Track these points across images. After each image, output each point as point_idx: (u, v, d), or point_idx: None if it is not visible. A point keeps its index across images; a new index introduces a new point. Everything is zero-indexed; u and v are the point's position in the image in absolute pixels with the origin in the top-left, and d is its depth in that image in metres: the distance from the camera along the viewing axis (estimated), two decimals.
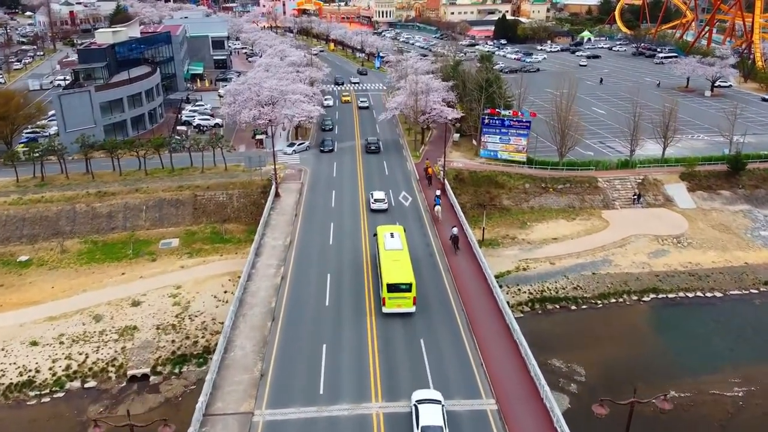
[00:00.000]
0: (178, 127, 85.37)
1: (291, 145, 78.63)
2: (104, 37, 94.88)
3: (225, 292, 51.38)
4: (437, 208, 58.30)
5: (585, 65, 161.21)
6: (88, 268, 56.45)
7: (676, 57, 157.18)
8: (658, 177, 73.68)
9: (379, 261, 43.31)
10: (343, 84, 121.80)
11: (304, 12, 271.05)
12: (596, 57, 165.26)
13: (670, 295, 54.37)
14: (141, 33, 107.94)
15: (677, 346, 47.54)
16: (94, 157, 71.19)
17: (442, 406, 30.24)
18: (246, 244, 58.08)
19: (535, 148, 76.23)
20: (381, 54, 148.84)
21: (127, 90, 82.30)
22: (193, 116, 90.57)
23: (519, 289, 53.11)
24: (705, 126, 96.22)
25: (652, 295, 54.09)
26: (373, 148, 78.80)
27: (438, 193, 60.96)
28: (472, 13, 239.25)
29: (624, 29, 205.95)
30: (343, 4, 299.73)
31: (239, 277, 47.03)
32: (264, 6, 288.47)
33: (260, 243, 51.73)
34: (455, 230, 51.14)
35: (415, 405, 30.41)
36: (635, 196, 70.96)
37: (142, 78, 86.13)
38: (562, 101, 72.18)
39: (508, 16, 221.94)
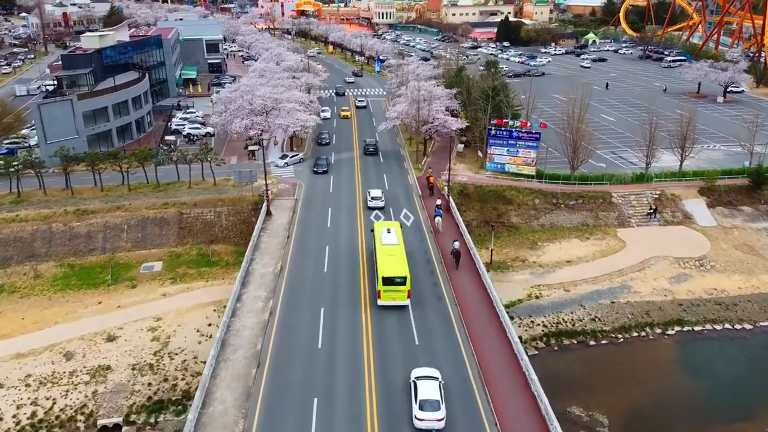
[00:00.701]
0: (167, 137, 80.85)
1: (284, 157, 74.10)
2: (90, 41, 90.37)
3: (209, 325, 46.84)
4: (437, 219, 55.06)
5: (588, 67, 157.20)
6: (62, 296, 51.93)
7: (684, 61, 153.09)
8: (676, 192, 69.17)
9: (375, 255, 44.37)
10: (344, 94, 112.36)
11: (302, 13, 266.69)
12: (602, 60, 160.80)
13: (696, 328, 49.81)
14: (130, 37, 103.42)
15: (707, 388, 43.05)
16: (75, 171, 66.74)
17: (440, 382, 32.13)
18: (234, 267, 53.61)
19: (545, 159, 71.73)
20: (381, 57, 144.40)
21: (112, 98, 77.79)
22: (183, 125, 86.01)
23: (532, 322, 48.56)
24: (721, 135, 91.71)
25: (677, 328, 49.52)
26: (371, 150, 77.72)
27: (438, 202, 57.83)
28: (473, 14, 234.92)
29: (629, 31, 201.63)
30: (342, 5, 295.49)
31: (225, 306, 42.59)
32: (262, 7, 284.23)
33: (248, 270, 47.20)
34: (456, 244, 48.09)
35: (414, 381, 32.14)
36: (651, 211, 66.53)
37: (129, 85, 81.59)
38: (573, 110, 67.57)
39: (511, 18, 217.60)
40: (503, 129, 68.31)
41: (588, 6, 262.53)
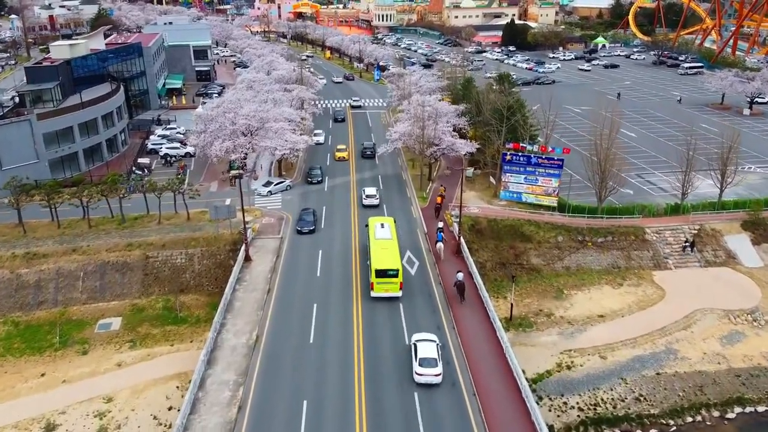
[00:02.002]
0: (140, 160, 72.13)
1: (267, 184, 65.21)
2: (60, 51, 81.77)
3: (169, 409, 38.18)
4: (439, 245, 50.16)
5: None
6: (0, 365, 43.33)
7: (701, 67, 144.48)
8: (717, 226, 60.56)
9: (369, 249, 45.93)
10: (343, 120, 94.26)
11: (300, 15, 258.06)
12: (614, 66, 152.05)
13: (760, 408, 41.19)
14: (107, 45, 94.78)
15: None
16: (32, 202, 58.04)
17: (437, 344, 35.83)
18: (206, 325, 45.02)
19: (568, 185, 62.84)
20: (381, 64, 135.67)
21: (78, 116, 69.17)
22: (161, 144, 77.31)
23: (565, 403, 39.89)
24: (754, 154, 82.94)
25: (738, 409, 40.92)
26: (368, 153, 76.84)
27: (440, 225, 53.47)
28: (477, 17, 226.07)
29: (640, 35, 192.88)
30: (341, 6, 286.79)
31: (191, 381, 34.17)
32: (258, 9, 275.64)
33: (216, 342, 38.59)
34: (460, 275, 44.26)
35: (414, 343, 35.94)
36: (687, 244, 58.06)
37: (100, 101, 72.93)
38: (601, 132, 58.90)
39: (516, 20, 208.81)
40: (520, 155, 59.72)
41: (595, 8, 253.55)
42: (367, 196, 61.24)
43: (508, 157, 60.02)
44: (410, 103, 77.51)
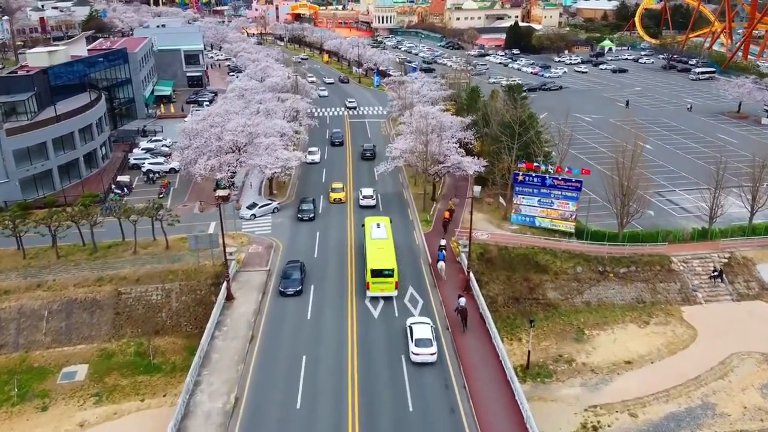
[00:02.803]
0: (119, 178, 66.64)
1: (252, 206, 59.37)
2: (38, 59, 76.37)
3: None
4: (441, 264, 47.03)
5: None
6: None
7: (713, 73, 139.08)
8: (748, 254, 55.19)
9: (365, 249, 45.88)
10: (341, 144, 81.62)
11: (298, 17, 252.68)
12: (623, 71, 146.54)
13: None
14: (90, 51, 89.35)
15: None
16: None
17: (431, 326, 38.01)
18: (181, 374, 39.59)
19: (587, 206, 57.18)
20: (380, 68, 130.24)
21: (52, 131, 63.81)
22: (144, 159, 71.85)
23: None
24: None
25: None
26: (368, 155, 76.13)
27: (443, 243, 49.66)
28: (479, 18, 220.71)
29: (647, 38, 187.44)
30: (340, 8, 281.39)
31: None
32: (256, 10, 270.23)
33: (188, 406, 33.14)
34: (462, 301, 40.78)
35: (410, 326, 38.01)
36: (715, 274, 52.76)
37: (77, 113, 67.53)
38: (624, 152, 53.36)
39: (519, 23, 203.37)
40: (534, 175, 54.27)
41: (599, 9, 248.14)
42: (364, 197, 60.40)
43: (520, 178, 54.57)
44: (412, 115, 72.17)
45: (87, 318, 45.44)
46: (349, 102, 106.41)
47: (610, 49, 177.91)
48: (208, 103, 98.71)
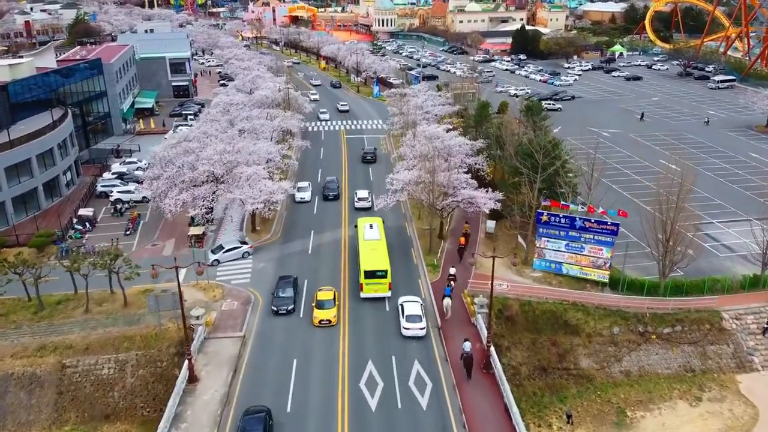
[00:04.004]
0: (81, 211, 58.36)
1: (218, 249, 50.54)
2: None
3: None
4: (446, 301, 42.51)
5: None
6: None
7: (733, 81, 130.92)
8: None
9: (358, 250, 46.02)
10: (337, 198, 62.88)
11: (295, 20, 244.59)
12: (636, 79, 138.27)
13: None
14: (59, 62, 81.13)
15: None
16: None
17: (421, 303, 41.02)
18: None
19: (622, 247, 48.77)
20: (381, 76, 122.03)
21: (4, 159, 55.63)
22: (113, 186, 63.62)
23: None
24: None
25: None
26: (369, 157, 74.47)
27: (452, 272, 46.19)
28: (483, 21, 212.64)
29: (659, 42, 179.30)
30: (339, 10, 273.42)
31: None
32: (252, 12, 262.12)
33: None
34: (467, 345, 36.67)
35: (401, 304, 40.72)
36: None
37: (35, 136, 59.41)
38: (668, 192, 45.01)
39: (522, 24, 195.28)
40: (561, 215, 46.08)
41: (607, 12, 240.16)
42: (359, 199, 60.15)
43: (544, 218, 46.34)
44: (415, 137, 64.08)
45: (25, 399, 37.27)
46: (341, 105, 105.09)
47: (621, 54, 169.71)
48: (192, 117, 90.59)
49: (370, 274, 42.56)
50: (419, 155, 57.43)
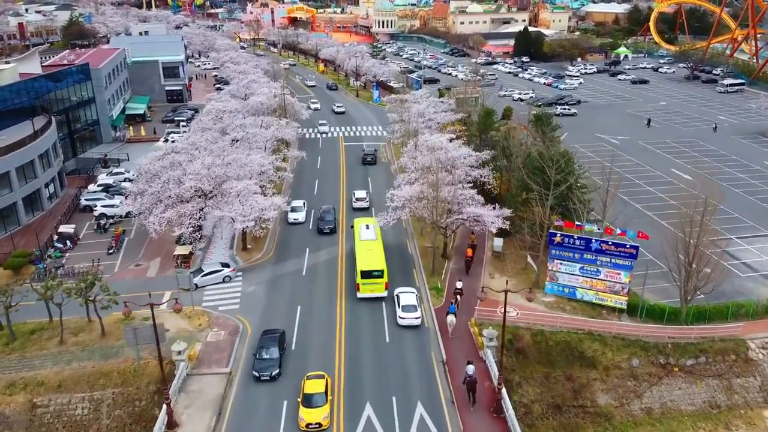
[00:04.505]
0: (62, 228, 54.89)
1: (197, 272, 46.75)
2: None
3: None
4: (450, 318, 40.35)
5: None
6: None
7: (742, 84, 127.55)
8: None
9: (354, 251, 46.28)
10: (333, 231, 54.93)
11: (294, 21, 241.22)
12: (643, 82, 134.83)
13: None
14: (47, 67, 77.86)
15: None
16: None
17: (416, 294, 42.19)
18: None
19: (641, 266, 45.27)
20: (381, 79, 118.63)
21: None
22: (97, 200, 60.20)
23: None
24: None
25: None
26: (369, 159, 73.92)
27: (459, 286, 43.99)
28: (484, 22, 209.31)
29: (664, 44, 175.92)
30: (338, 11, 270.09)
31: None
32: (251, 13, 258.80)
33: None
34: (470, 368, 34.17)
35: (397, 294, 42.05)
36: None
37: (13, 149, 56.01)
38: (692, 215, 41.49)
39: (525, 26, 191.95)
40: (575, 237, 42.69)
41: (610, 13, 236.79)
42: (357, 199, 60.14)
43: (557, 239, 42.93)
44: (417, 148, 60.72)
45: None
46: (337, 107, 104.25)
47: (626, 56, 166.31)
48: (185, 123, 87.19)
49: (367, 274, 42.81)
50: (421, 167, 54.12)
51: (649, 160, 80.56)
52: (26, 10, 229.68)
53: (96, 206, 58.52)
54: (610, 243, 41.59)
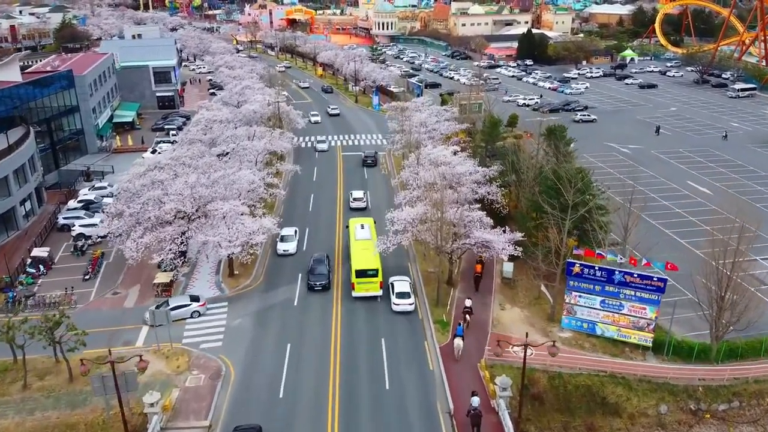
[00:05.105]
0: (35, 251, 50.66)
1: (161, 305, 41.69)
2: None
3: None
4: (457, 342, 37.64)
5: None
6: None
7: (754, 89, 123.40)
8: None
9: (350, 250, 47.22)
10: (326, 288, 45.42)
11: (293, 23, 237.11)
12: (652, 86, 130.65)
13: None
14: (27, 74, 73.76)
15: None
16: None
17: (409, 282, 44.11)
18: None
19: (674, 309, 41.08)
20: (381, 84, 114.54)
21: None
22: (75, 218, 56.02)
23: None
24: None
25: None
26: (369, 161, 73.14)
27: (468, 304, 41.24)
28: (486, 24, 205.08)
29: (670, 47, 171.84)
30: (338, 13, 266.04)
31: None
32: (249, 15, 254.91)
33: None
34: (476, 400, 31.82)
35: (391, 283, 43.65)
36: None
37: None
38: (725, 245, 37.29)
39: (528, 27, 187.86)
40: (596, 267, 38.51)
41: (614, 14, 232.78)
42: (355, 199, 60.23)
43: (576, 269, 38.76)
44: (419, 162, 56.64)
45: None
46: (332, 109, 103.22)
47: (633, 59, 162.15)
48: (175, 131, 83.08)
49: (362, 273, 43.25)
50: (424, 184, 50.07)
51: (663, 171, 76.40)
52: (20, 12, 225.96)
53: (74, 225, 54.35)
54: (635, 275, 37.44)
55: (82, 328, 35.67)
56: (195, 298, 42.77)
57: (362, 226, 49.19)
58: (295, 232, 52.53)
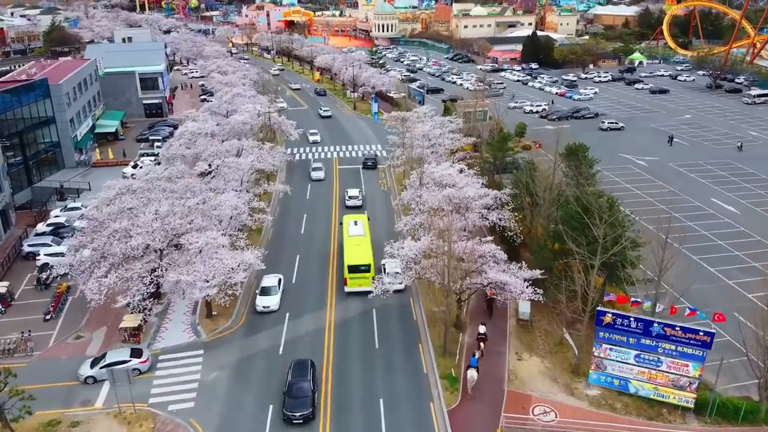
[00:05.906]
0: None
1: (95, 362, 36.08)
2: None
3: None
4: (471, 373, 33.95)
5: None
6: None
7: None
8: None
9: (343, 247, 47.86)
10: (308, 420, 31.76)
11: (291, 24, 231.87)
12: (663, 92, 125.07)
13: None
14: None
15: None
16: None
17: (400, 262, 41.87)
18: None
19: (720, 365, 35.63)
20: (380, 89, 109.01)
21: None
22: (42, 245, 50.50)
23: None
24: None
25: None
26: (369, 163, 73.12)
27: (482, 330, 38.10)
28: (489, 26, 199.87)
29: (679, 49, 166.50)
30: (337, 14, 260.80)
31: None
32: (246, 16, 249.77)
33: None
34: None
35: (383, 264, 45.39)
36: None
37: None
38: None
39: (532, 29, 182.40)
40: (631, 317, 32.94)
41: (620, 16, 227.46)
42: (350, 197, 60.79)
43: (607, 319, 33.20)
44: (422, 183, 51.14)
45: None
46: (324, 111, 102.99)
47: (641, 63, 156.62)
48: (161, 143, 77.63)
49: (354, 269, 43.77)
50: (428, 209, 44.64)
51: (684, 187, 70.81)
52: (11, 14, 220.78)
53: (39, 254, 48.83)
54: (677, 327, 31.86)
55: (37, 381, 30.67)
56: (137, 353, 36.73)
57: (356, 223, 50.16)
58: (279, 281, 44.89)
